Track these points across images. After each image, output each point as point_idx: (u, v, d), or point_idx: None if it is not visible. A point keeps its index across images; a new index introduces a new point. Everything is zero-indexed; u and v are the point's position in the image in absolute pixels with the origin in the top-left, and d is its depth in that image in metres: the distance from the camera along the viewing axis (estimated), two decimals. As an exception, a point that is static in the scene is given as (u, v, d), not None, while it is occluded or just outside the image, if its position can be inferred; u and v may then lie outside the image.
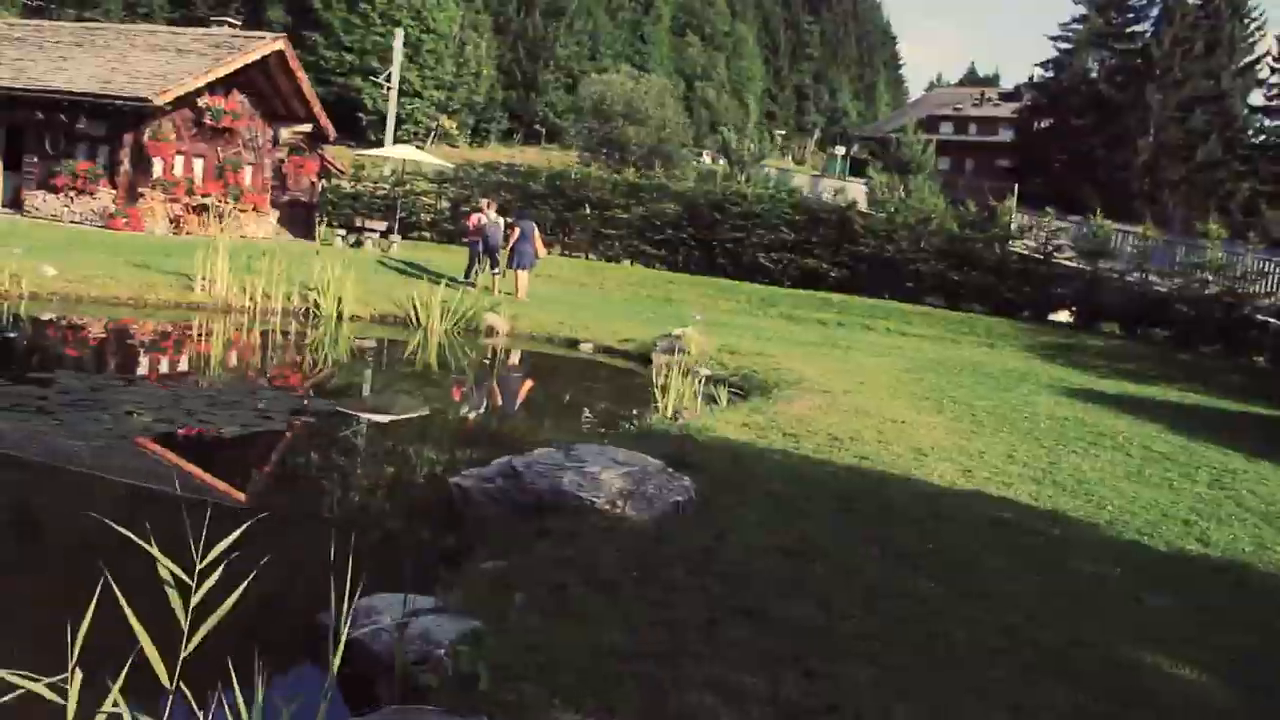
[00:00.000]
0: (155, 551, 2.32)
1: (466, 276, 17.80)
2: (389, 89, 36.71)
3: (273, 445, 7.42)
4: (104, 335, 11.78)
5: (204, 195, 22.03)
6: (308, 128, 24.46)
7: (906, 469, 6.96)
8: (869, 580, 4.52)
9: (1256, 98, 42.91)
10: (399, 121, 43.84)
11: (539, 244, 17.68)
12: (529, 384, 12.44)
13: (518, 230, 17.13)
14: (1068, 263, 21.44)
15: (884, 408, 9.46)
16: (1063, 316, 22.13)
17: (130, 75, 21.04)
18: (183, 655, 2.31)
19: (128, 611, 2.26)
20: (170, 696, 2.37)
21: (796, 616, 3.91)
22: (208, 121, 21.95)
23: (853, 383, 11.11)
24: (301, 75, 23.53)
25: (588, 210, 24.71)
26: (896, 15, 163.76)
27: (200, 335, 12.45)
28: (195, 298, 13.70)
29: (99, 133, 20.98)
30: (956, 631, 4.05)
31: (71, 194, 21.05)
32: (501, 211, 19.22)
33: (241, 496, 6.05)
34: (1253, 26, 43.82)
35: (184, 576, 2.33)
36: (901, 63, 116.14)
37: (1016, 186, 30.08)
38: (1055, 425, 9.94)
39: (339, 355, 12.37)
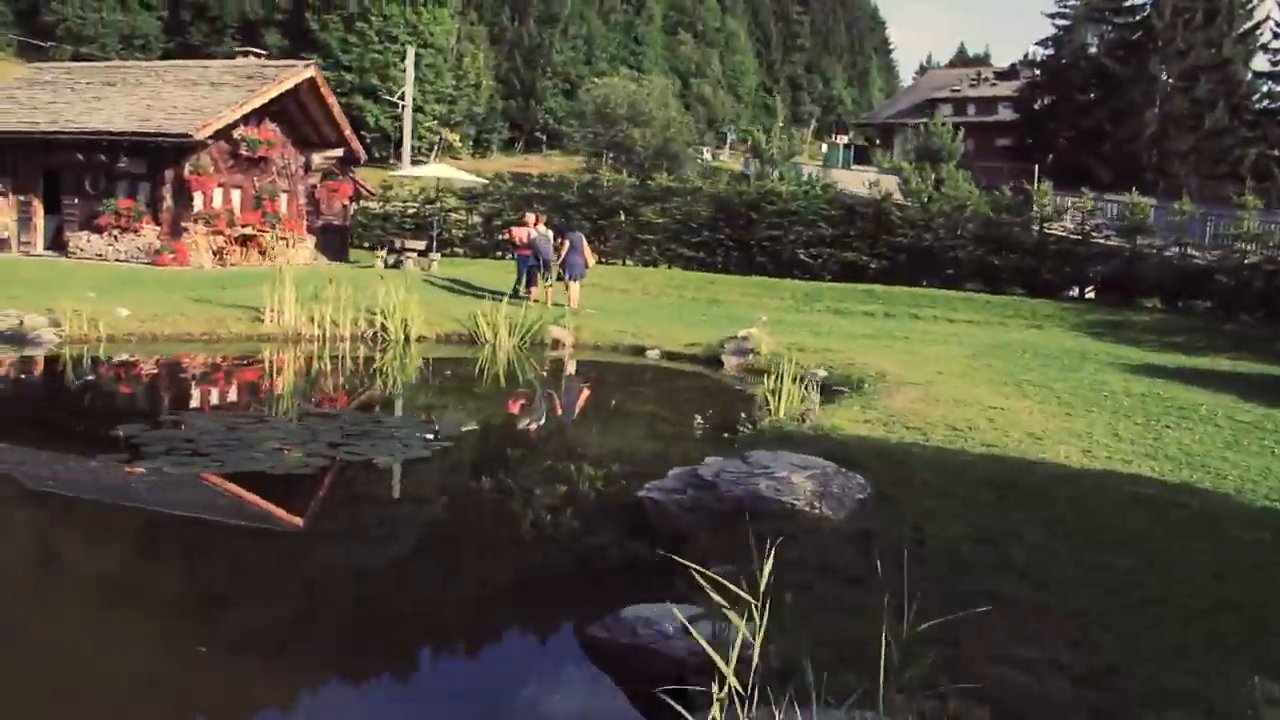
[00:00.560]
0: (712, 574, 2.68)
1: (515, 290, 18.12)
2: (403, 107, 37.01)
3: (433, 471, 7.60)
4: (201, 373, 12.11)
5: (244, 226, 22.36)
6: (339, 152, 24.76)
7: (1033, 453, 7.31)
8: (1063, 559, 4.88)
9: (1260, 63, 43.21)
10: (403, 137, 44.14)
11: (588, 254, 18.06)
12: (623, 394, 12.47)
13: (567, 242, 17.51)
14: (1104, 240, 21.76)
15: (976, 396, 9.81)
16: (1091, 294, 22.44)
17: (167, 112, 21.34)
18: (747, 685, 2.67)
19: (695, 635, 2.60)
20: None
21: (1024, 595, 4.28)
22: (243, 152, 22.22)
23: (930, 373, 11.44)
24: (332, 100, 23.84)
25: (622, 216, 25.03)
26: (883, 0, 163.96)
27: (285, 366, 12.75)
28: (265, 329, 14.04)
29: (139, 170, 21.22)
30: (1163, 597, 4.42)
31: (116, 233, 21.31)
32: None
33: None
34: (1250, -8, 44.11)
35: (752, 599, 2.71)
36: (892, 47, 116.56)
37: (1037, 168, 30.33)
38: (1137, 402, 10.29)
39: (424, 377, 12.71)
